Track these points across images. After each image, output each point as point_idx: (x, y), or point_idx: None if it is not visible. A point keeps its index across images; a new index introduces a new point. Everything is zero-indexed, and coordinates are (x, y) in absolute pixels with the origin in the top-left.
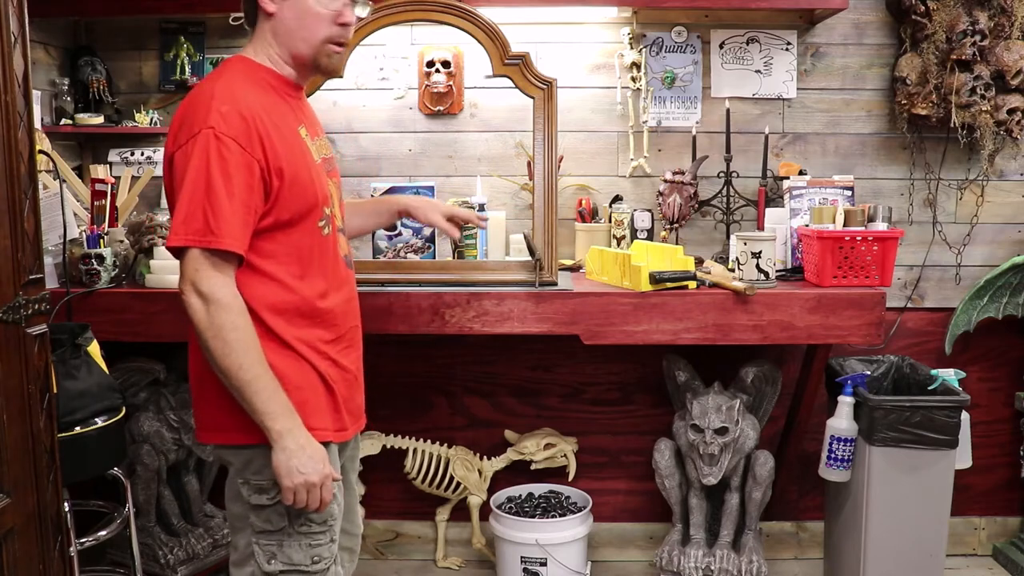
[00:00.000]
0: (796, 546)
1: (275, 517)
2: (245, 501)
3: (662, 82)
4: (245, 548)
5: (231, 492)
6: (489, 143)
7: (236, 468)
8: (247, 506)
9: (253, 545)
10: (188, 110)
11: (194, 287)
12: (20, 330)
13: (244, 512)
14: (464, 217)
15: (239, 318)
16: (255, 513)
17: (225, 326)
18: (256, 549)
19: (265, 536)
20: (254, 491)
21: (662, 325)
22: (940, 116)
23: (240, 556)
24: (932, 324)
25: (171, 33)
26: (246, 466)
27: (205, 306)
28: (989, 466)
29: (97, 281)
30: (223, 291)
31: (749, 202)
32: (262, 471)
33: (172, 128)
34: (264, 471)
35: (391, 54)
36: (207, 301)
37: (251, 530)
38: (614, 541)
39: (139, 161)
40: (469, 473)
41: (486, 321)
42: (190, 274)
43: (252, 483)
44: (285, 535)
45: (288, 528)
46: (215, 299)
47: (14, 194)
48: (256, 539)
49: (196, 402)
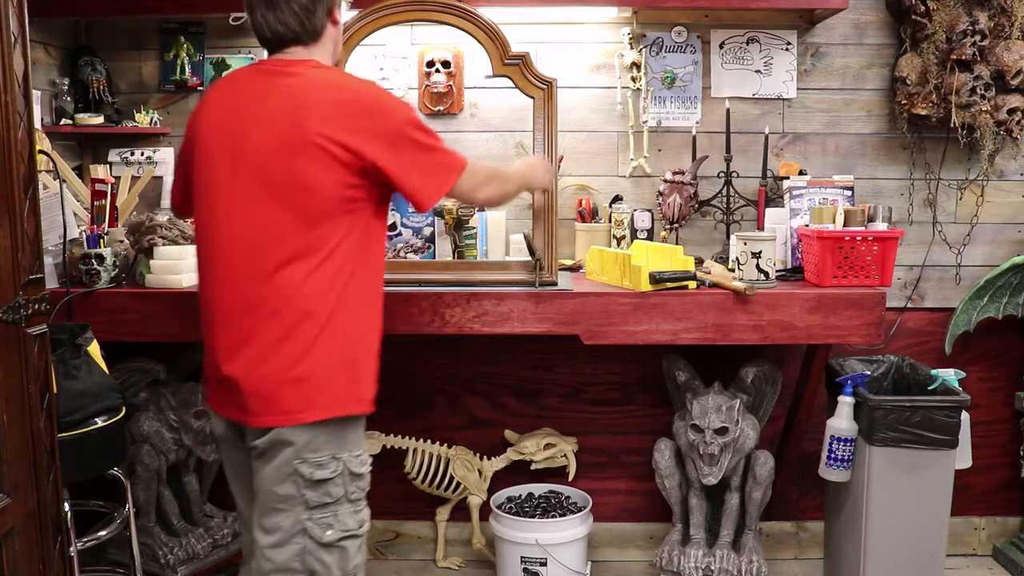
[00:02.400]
0: (796, 546)
1: (334, 488)
2: (304, 479)
3: (662, 82)
4: (292, 527)
5: (281, 475)
6: (489, 143)
7: (295, 449)
8: (304, 483)
9: (305, 522)
10: (374, 100)
11: (477, 194)
12: (20, 330)
13: (297, 492)
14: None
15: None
16: (312, 489)
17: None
18: (310, 525)
19: (320, 510)
20: (315, 467)
21: (662, 325)
22: (940, 116)
23: (284, 536)
24: (932, 324)
25: (171, 33)
26: (306, 445)
27: (487, 189)
28: (989, 466)
29: (97, 281)
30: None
31: (749, 202)
32: (321, 448)
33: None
34: (324, 448)
35: (391, 54)
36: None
37: (303, 508)
38: (614, 541)
39: (139, 161)
40: (469, 473)
41: (486, 321)
42: (472, 188)
43: (311, 461)
44: (339, 505)
45: (343, 498)
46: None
47: (14, 194)
48: (309, 515)
49: (271, 389)
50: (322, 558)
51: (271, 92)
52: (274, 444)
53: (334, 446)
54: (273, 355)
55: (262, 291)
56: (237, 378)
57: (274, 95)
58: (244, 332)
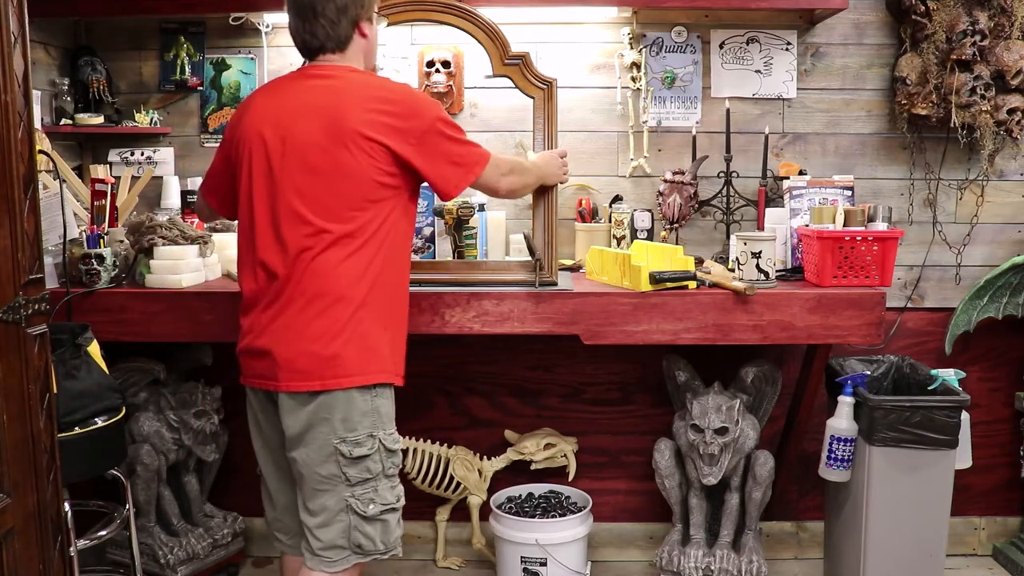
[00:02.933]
0: (796, 546)
1: (372, 465)
2: (345, 457)
3: (662, 82)
4: (336, 505)
5: (321, 455)
6: (489, 143)
7: (332, 428)
8: (345, 461)
9: (348, 499)
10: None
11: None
12: (20, 330)
13: (338, 471)
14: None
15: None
16: (353, 467)
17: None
18: (353, 501)
19: (361, 486)
20: (353, 445)
21: (662, 325)
22: (940, 116)
23: (329, 516)
24: (932, 324)
25: (171, 33)
26: (344, 424)
27: (509, 179)
28: (989, 466)
29: (97, 281)
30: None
31: (749, 202)
32: (357, 427)
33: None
34: (360, 427)
35: (391, 54)
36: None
37: (344, 486)
38: (614, 541)
39: (139, 161)
40: (469, 473)
41: (486, 321)
42: (495, 178)
43: (349, 440)
44: (378, 480)
45: (380, 474)
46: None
47: (14, 194)
48: (351, 492)
49: (306, 363)
50: (367, 531)
51: (313, 91)
52: (311, 422)
53: (369, 424)
54: (309, 332)
55: (301, 273)
56: (273, 350)
57: (316, 93)
58: (281, 310)
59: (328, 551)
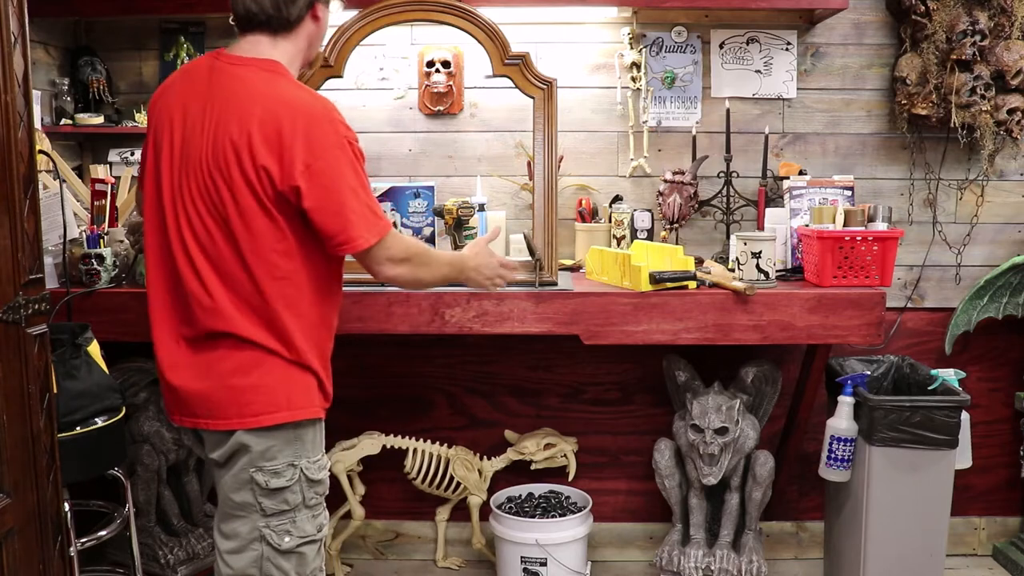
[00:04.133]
0: (796, 546)
1: (290, 496)
2: (259, 487)
3: (662, 82)
4: (248, 534)
5: (237, 482)
6: (489, 143)
7: (251, 457)
8: (260, 492)
9: (262, 529)
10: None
11: (393, 261)
12: (20, 330)
13: (252, 500)
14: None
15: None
16: (269, 497)
17: (421, 263)
18: (267, 532)
19: (277, 517)
20: (270, 475)
21: (662, 325)
22: (940, 116)
23: (241, 543)
24: (932, 324)
25: (171, 33)
26: (263, 454)
27: (409, 265)
28: (989, 466)
29: (97, 281)
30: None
31: (749, 202)
32: (277, 456)
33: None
34: (279, 456)
35: (391, 54)
36: (405, 262)
37: (259, 515)
38: (614, 541)
39: (139, 161)
40: (469, 473)
41: (486, 321)
42: (385, 255)
43: (267, 469)
44: (297, 512)
45: (300, 504)
46: (407, 256)
47: (14, 194)
48: (266, 523)
49: (233, 391)
50: (280, 564)
51: (213, 91)
52: (232, 452)
53: (291, 453)
54: (226, 362)
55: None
56: (189, 386)
57: (215, 95)
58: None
59: None
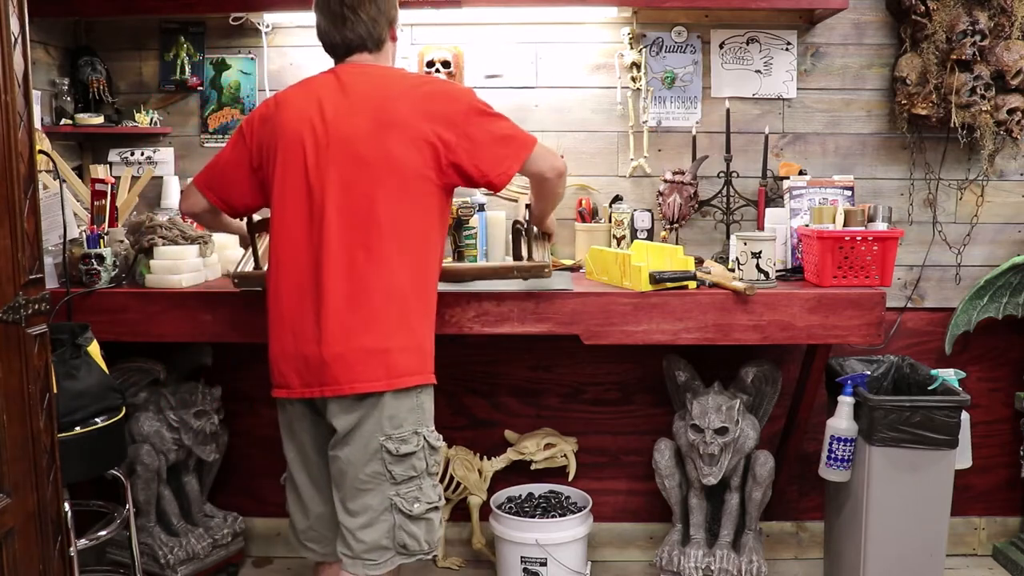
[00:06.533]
0: (796, 546)
1: (417, 463)
2: (390, 454)
3: (662, 82)
4: (379, 505)
5: (366, 454)
6: None
7: (379, 425)
8: (391, 459)
9: (392, 498)
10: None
11: (555, 165)
12: (20, 330)
13: (383, 469)
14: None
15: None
16: (398, 464)
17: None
18: (398, 500)
19: (406, 484)
20: (399, 443)
21: (662, 325)
22: (940, 116)
23: (373, 515)
24: (932, 324)
25: (171, 33)
26: (390, 421)
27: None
28: (989, 466)
29: (97, 281)
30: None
31: (749, 202)
32: (403, 424)
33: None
34: (406, 424)
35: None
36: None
37: (389, 484)
38: (614, 541)
39: (139, 161)
40: (469, 473)
41: (486, 321)
42: (550, 158)
43: (395, 437)
44: (422, 478)
45: (424, 471)
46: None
47: (14, 194)
48: (396, 491)
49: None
50: (412, 531)
51: (354, 85)
52: (360, 421)
53: (414, 421)
54: (364, 332)
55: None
56: (326, 354)
57: (358, 87)
58: (332, 311)
59: (371, 553)
